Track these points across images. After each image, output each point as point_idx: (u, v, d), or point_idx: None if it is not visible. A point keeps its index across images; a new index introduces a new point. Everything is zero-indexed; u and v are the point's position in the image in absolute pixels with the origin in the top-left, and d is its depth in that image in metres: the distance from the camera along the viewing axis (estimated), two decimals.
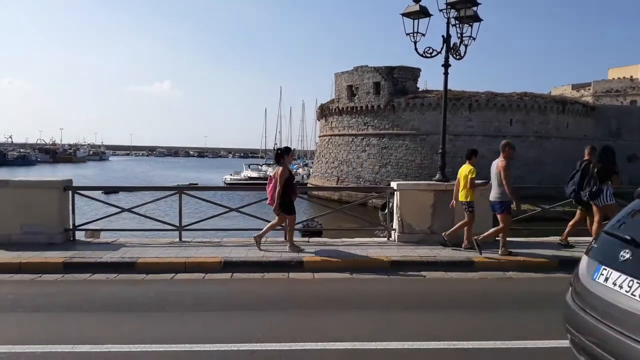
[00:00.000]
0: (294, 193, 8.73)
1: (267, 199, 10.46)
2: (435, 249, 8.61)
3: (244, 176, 63.20)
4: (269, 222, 9.71)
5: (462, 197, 8.71)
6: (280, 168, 8.60)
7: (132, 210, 9.67)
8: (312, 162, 60.51)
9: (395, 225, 9.43)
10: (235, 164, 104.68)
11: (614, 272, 3.43)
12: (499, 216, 8.39)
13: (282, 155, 8.78)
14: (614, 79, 66.94)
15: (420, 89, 40.79)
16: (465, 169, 8.71)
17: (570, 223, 9.28)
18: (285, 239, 8.94)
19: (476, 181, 8.63)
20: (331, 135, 45.51)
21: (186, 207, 9.80)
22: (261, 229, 8.73)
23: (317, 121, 54.75)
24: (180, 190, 9.65)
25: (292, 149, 9.79)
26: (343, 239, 9.73)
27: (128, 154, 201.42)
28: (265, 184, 8.98)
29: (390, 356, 4.52)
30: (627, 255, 3.38)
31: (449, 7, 9.50)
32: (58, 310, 5.77)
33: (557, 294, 6.65)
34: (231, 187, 50.34)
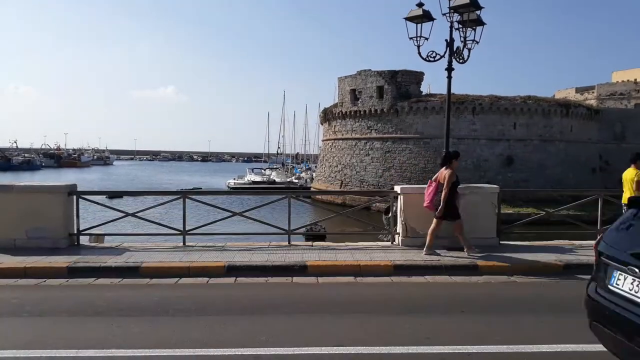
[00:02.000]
0: (458, 198, 8.62)
1: (269, 203, 10.48)
2: (439, 253, 8.58)
3: (248, 180, 63.28)
4: (272, 226, 9.73)
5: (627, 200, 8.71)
6: (448, 171, 8.47)
7: (136, 214, 9.69)
8: (316, 166, 60.57)
9: (399, 229, 9.42)
10: (239, 168, 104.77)
11: None
12: None
13: (451, 158, 8.60)
14: (618, 82, 66.66)
15: (423, 93, 40.78)
16: (631, 173, 8.74)
17: None
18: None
19: None
20: (334, 139, 45.53)
21: (190, 211, 9.81)
22: (264, 233, 8.65)
23: (321, 125, 54.83)
24: (184, 194, 9.67)
25: (296, 153, 9.80)
26: (347, 243, 9.72)
27: (132, 159, 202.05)
28: (269, 188, 9.01)
29: None
30: None
31: (452, 11, 9.52)
32: (62, 315, 5.78)
33: (562, 298, 6.65)
34: (235, 191, 50.49)
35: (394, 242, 9.53)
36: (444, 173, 8.52)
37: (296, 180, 61.10)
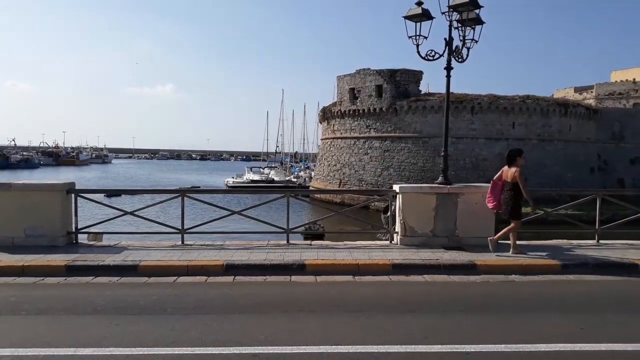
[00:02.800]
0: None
1: (267, 202, 10.47)
2: (438, 252, 8.59)
3: (246, 179, 63.27)
4: (270, 224, 9.72)
5: None
6: (517, 169, 8.54)
7: (135, 213, 9.67)
8: (314, 165, 60.56)
9: (397, 228, 9.42)
10: (238, 167, 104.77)
11: None
12: None
13: (515, 156, 8.70)
14: (616, 81, 66.70)
15: (422, 92, 40.81)
16: None
17: None
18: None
19: None
20: (333, 138, 45.52)
21: (188, 210, 9.80)
22: (262, 232, 8.57)
23: (319, 124, 54.85)
24: (182, 193, 9.65)
25: (295, 151, 9.82)
26: (345, 242, 9.71)
27: (130, 157, 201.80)
28: (268, 186, 9.00)
29: (393, 359, 4.51)
30: None
31: (451, 9, 9.49)
32: (60, 313, 5.77)
33: (560, 298, 6.66)
34: (233, 190, 50.50)
35: (393, 241, 9.53)
36: (511, 172, 8.57)
37: (295, 179, 61.12)
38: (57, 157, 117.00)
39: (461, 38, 9.81)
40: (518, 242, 8.99)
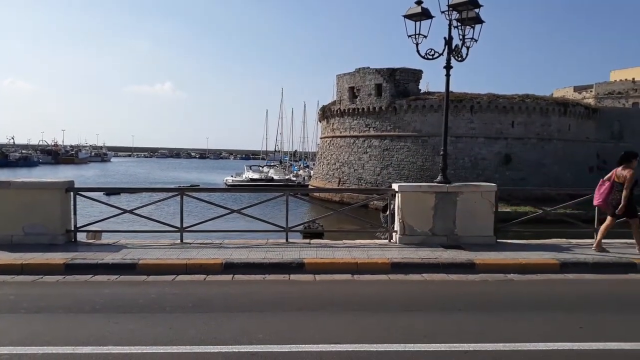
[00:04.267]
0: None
1: (266, 200, 10.48)
2: (437, 251, 8.60)
3: (246, 178, 63.27)
4: (269, 223, 9.73)
5: None
6: (629, 171, 8.58)
7: (134, 211, 9.67)
8: (314, 164, 60.57)
9: (396, 227, 9.43)
10: (237, 165, 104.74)
11: None
12: None
13: (630, 158, 8.76)
14: (616, 81, 66.78)
15: (422, 91, 40.82)
16: None
17: None
18: None
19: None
20: (333, 137, 45.53)
21: (187, 208, 9.80)
22: (261, 230, 8.59)
23: (319, 123, 54.84)
24: (181, 191, 9.65)
25: (294, 150, 9.81)
26: (344, 241, 9.72)
27: (130, 155, 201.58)
28: (267, 185, 9.00)
29: (391, 358, 4.52)
30: None
31: (450, 9, 9.49)
32: (59, 312, 5.77)
33: (558, 296, 6.67)
34: (232, 188, 50.55)
35: (392, 240, 9.54)
36: (623, 173, 8.62)
37: (294, 178, 61.12)
38: (56, 155, 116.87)
39: (461, 37, 9.81)
40: (517, 242, 9.03)
